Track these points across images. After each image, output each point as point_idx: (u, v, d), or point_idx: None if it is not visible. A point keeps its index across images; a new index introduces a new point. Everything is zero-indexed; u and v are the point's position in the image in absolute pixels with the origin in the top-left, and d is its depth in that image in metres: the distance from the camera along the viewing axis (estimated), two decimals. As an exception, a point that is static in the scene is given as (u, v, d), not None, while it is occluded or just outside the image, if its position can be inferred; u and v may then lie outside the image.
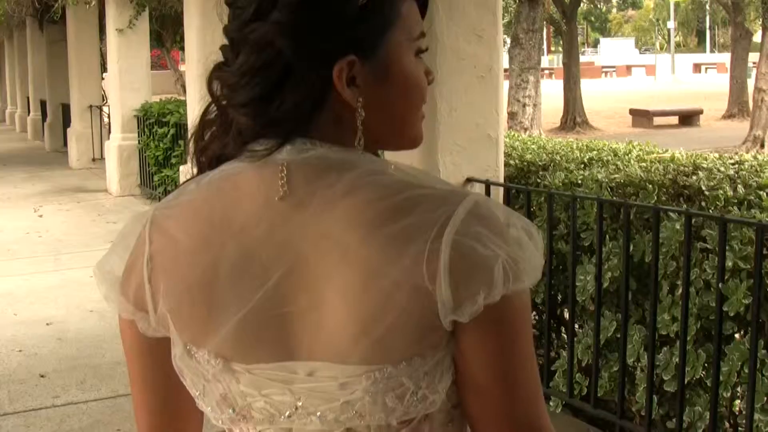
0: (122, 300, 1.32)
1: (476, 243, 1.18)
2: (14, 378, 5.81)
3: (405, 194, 1.21)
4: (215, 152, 1.30)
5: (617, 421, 4.49)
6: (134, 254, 1.31)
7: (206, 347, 1.26)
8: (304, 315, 1.21)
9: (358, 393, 1.21)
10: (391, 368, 1.19)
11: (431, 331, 1.19)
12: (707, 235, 4.03)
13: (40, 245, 10.15)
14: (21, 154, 20.53)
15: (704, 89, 41.74)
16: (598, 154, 5.59)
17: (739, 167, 4.80)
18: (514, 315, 1.22)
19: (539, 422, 1.27)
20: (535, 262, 1.22)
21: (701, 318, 4.08)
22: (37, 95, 23.70)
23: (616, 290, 4.51)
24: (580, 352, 4.72)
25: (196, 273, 1.24)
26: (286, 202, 1.23)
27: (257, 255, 1.22)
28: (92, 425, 5.01)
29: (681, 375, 4.06)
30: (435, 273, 1.17)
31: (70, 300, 7.65)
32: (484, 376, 1.23)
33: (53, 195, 14.14)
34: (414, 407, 1.22)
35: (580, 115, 27.46)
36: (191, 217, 1.28)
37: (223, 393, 1.28)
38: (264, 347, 1.23)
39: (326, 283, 1.19)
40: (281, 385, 1.24)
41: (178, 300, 1.26)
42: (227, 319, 1.23)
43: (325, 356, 1.21)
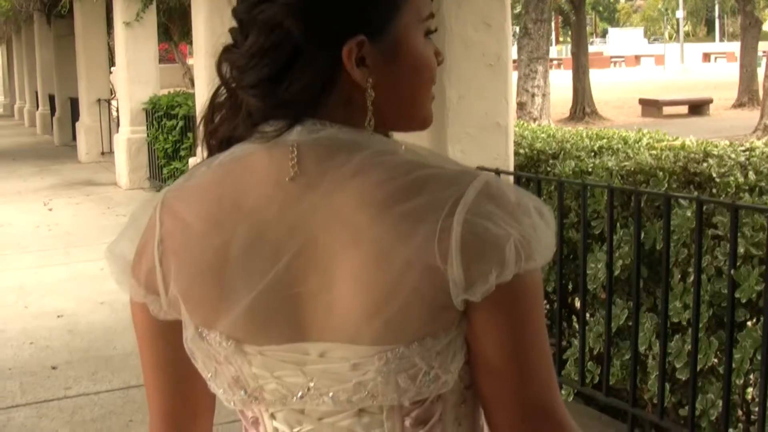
0: (133, 283, 1.32)
1: (488, 222, 1.17)
2: (26, 370, 5.81)
3: (415, 174, 1.20)
4: (225, 134, 1.30)
5: (629, 409, 4.47)
6: (145, 237, 1.31)
7: (217, 329, 1.25)
8: (315, 295, 1.20)
9: (371, 374, 1.20)
10: (403, 348, 1.19)
11: (443, 311, 1.19)
12: (718, 222, 4.02)
13: (50, 239, 10.17)
14: (30, 149, 20.56)
15: (714, 79, 41.64)
16: (608, 143, 5.58)
17: (750, 154, 4.79)
18: (526, 294, 1.21)
19: (552, 403, 1.26)
20: (546, 241, 1.21)
21: (713, 305, 4.06)
22: (46, 90, 23.74)
23: (627, 278, 4.50)
24: (592, 341, 4.71)
25: (207, 255, 1.24)
26: (296, 182, 1.22)
27: (268, 236, 1.22)
28: (104, 416, 5.01)
29: (693, 362, 4.05)
30: (446, 252, 1.16)
31: (80, 292, 7.66)
32: (497, 356, 1.22)
33: (63, 189, 14.16)
34: (426, 387, 1.22)
35: (589, 105, 27.41)
36: (202, 200, 1.27)
37: (234, 375, 1.28)
38: (275, 328, 1.23)
39: (337, 263, 1.19)
40: (293, 367, 1.24)
41: (189, 282, 1.25)
42: (238, 301, 1.22)
43: (337, 337, 1.20)
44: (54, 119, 22.03)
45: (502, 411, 1.26)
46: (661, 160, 4.77)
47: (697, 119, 26.12)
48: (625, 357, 4.54)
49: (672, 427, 4.39)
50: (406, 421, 1.25)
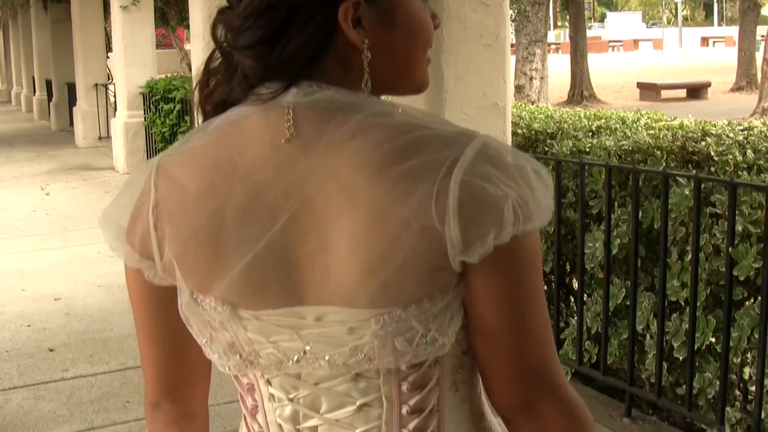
0: (128, 249, 1.31)
1: (485, 183, 1.16)
2: (23, 352, 5.81)
3: (412, 135, 1.19)
4: (220, 98, 1.28)
5: (627, 389, 4.48)
6: (140, 202, 1.30)
7: (213, 294, 1.24)
8: (311, 258, 1.19)
9: (367, 337, 1.20)
10: (400, 311, 1.18)
11: (440, 273, 1.18)
12: (716, 201, 4.01)
13: (47, 223, 10.16)
14: (27, 134, 20.52)
15: (712, 63, 41.59)
16: (606, 123, 5.57)
17: (749, 133, 4.78)
18: (524, 256, 1.20)
19: (550, 367, 1.25)
20: (545, 202, 1.20)
21: (711, 284, 4.06)
22: (43, 75, 23.67)
23: (625, 257, 4.49)
24: (590, 320, 4.71)
25: (203, 218, 1.22)
26: (292, 144, 1.21)
27: (264, 198, 1.20)
28: (102, 397, 5.01)
29: (691, 341, 4.05)
30: (444, 213, 1.15)
31: (77, 276, 7.66)
32: (494, 319, 1.21)
33: (60, 173, 14.14)
34: (423, 350, 1.21)
35: (587, 89, 27.38)
36: (197, 163, 1.26)
37: (230, 341, 1.27)
38: (271, 292, 1.21)
39: (333, 225, 1.18)
40: (289, 331, 1.23)
41: (184, 245, 1.24)
42: (234, 264, 1.21)
43: (334, 300, 1.19)
44: (51, 104, 21.98)
45: (500, 375, 1.25)
46: (659, 139, 4.76)
47: (696, 103, 26.06)
48: (622, 336, 4.54)
49: (669, 405, 4.39)
50: (402, 386, 1.25)
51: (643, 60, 49.52)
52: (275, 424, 1.31)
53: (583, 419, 1.29)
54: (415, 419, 1.26)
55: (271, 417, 1.31)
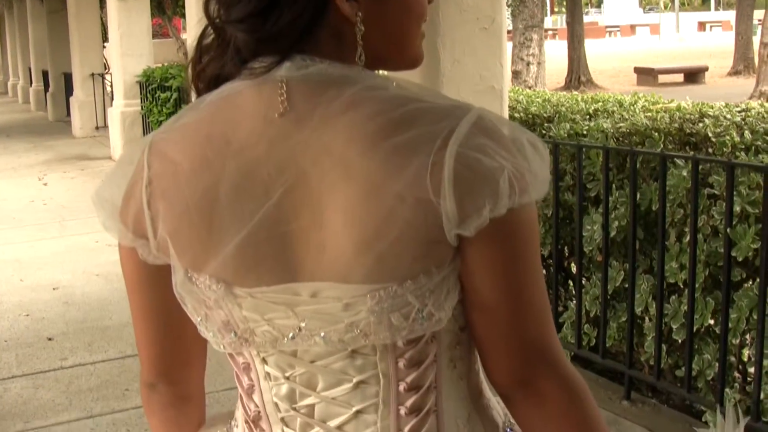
0: (121, 228, 1.29)
1: (481, 155, 1.15)
2: (22, 342, 5.80)
3: (407, 108, 1.18)
4: (213, 73, 1.27)
5: (626, 371, 4.48)
6: (133, 180, 1.28)
7: (207, 272, 1.23)
8: (306, 233, 1.18)
9: (363, 313, 1.18)
10: (396, 287, 1.17)
11: (436, 246, 1.16)
12: (714, 182, 4.00)
13: (45, 213, 10.14)
14: (24, 125, 20.49)
15: (709, 47, 41.54)
16: (603, 106, 5.56)
17: (746, 114, 4.77)
18: (520, 229, 1.19)
19: (549, 343, 1.24)
20: (541, 174, 1.19)
21: (709, 265, 4.05)
22: (39, 66, 23.63)
23: (623, 240, 4.48)
24: (588, 303, 4.71)
25: (196, 194, 1.21)
26: (286, 118, 1.19)
27: (258, 174, 1.19)
28: (100, 385, 5.00)
29: (689, 323, 4.04)
30: (439, 185, 1.14)
31: (76, 265, 7.65)
32: (491, 294, 1.20)
33: (57, 164, 14.12)
34: (420, 325, 1.20)
35: (584, 74, 27.37)
36: (190, 139, 1.25)
37: (224, 319, 1.26)
38: (266, 269, 1.20)
39: (328, 199, 1.16)
40: (284, 308, 1.21)
41: (177, 222, 1.23)
42: (228, 241, 1.20)
43: (329, 275, 1.18)
44: (48, 95, 21.94)
45: (497, 351, 1.24)
46: (657, 121, 4.75)
47: (693, 87, 26.02)
48: (621, 319, 4.54)
49: (668, 387, 4.39)
50: (399, 363, 1.24)
51: (640, 45, 49.46)
52: (272, 403, 1.30)
53: (582, 395, 1.28)
54: (413, 396, 1.25)
55: (268, 396, 1.30)
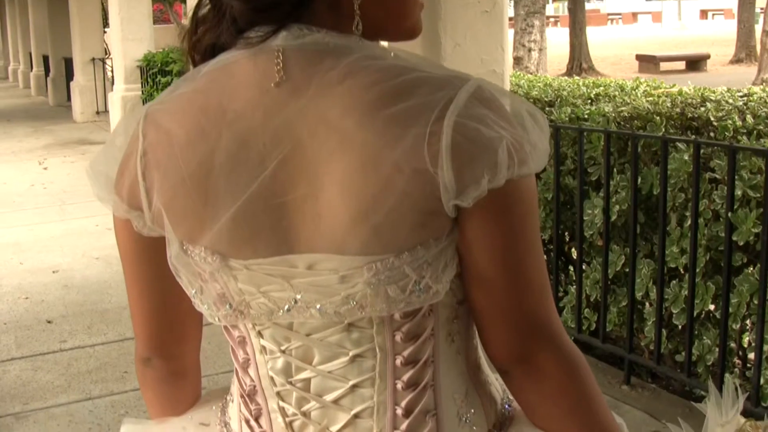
0: (116, 199, 1.28)
1: (479, 125, 1.13)
2: (21, 324, 5.79)
3: (404, 77, 1.16)
4: (208, 43, 1.25)
5: (626, 356, 4.47)
6: (127, 152, 1.27)
7: (202, 243, 1.21)
8: (302, 204, 1.16)
9: (359, 286, 1.17)
10: (393, 259, 1.15)
11: (433, 218, 1.15)
12: (716, 166, 3.98)
13: (45, 196, 10.13)
14: (25, 110, 20.47)
15: (711, 35, 41.45)
16: (605, 90, 5.54)
17: (748, 99, 4.75)
18: (519, 201, 1.17)
19: (547, 317, 1.23)
20: (541, 146, 1.18)
21: (710, 250, 4.03)
22: (39, 51, 23.58)
23: (624, 224, 4.47)
24: (589, 288, 4.69)
25: (191, 165, 1.19)
26: (282, 88, 1.18)
27: (253, 144, 1.17)
28: (99, 368, 5.00)
29: (690, 308, 4.03)
30: (436, 155, 1.12)
31: (75, 248, 7.64)
32: (489, 266, 1.19)
33: (58, 148, 14.10)
34: (417, 297, 1.18)
35: (586, 61, 27.32)
36: (185, 109, 1.23)
37: (220, 292, 1.24)
38: (262, 240, 1.19)
39: (324, 169, 1.15)
40: (280, 280, 1.20)
41: (172, 193, 1.21)
42: (223, 212, 1.18)
43: (325, 247, 1.16)
44: (48, 80, 21.91)
45: (496, 325, 1.23)
46: (659, 105, 4.73)
47: (695, 75, 25.95)
48: (621, 304, 4.53)
49: (668, 372, 4.38)
50: (396, 336, 1.22)
51: (642, 33, 49.34)
52: (267, 378, 1.29)
53: (581, 371, 1.27)
54: (410, 370, 1.24)
55: (263, 370, 1.29)
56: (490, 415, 1.34)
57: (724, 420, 1.30)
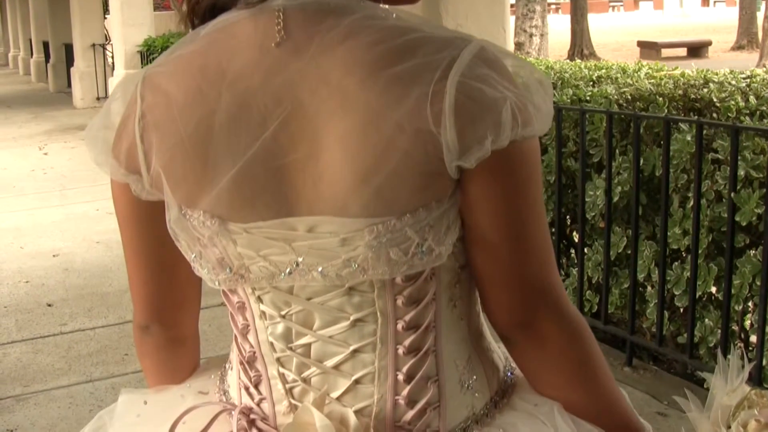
0: (113, 163, 1.27)
1: (483, 85, 1.12)
2: (21, 307, 5.79)
3: (407, 37, 1.14)
4: (208, 3, 1.23)
5: (628, 338, 4.46)
6: (125, 114, 1.25)
7: (201, 207, 1.20)
8: (303, 165, 1.15)
9: (361, 249, 1.15)
10: (394, 221, 1.14)
11: (436, 179, 1.14)
12: (718, 147, 3.96)
13: (45, 182, 10.13)
14: (25, 96, 20.46)
15: (713, 22, 41.39)
16: (607, 73, 5.51)
17: (751, 80, 4.73)
18: (523, 163, 1.16)
19: (550, 282, 1.22)
20: (545, 108, 1.16)
21: (713, 231, 4.02)
22: (40, 37, 23.56)
23: (625, 206, 4.45)
24: (590, 270, 4.68)
25: (190, 126, 1.18)
26: (282, 48, 1.16)
27: (254, 104, 1.16)
28: (100, 350, 4.99)
29: (692, 289, 4.01)
30: (439, 115, 1.10)
31: (76, 233, 7.63)
32: (492, 229, 1.17)
33: (58, 134, 14.09)
34: (420, 260, 1.17)
35: (587, 48, 27.29)
36: (184, 71, 1.21)
37: (219, 257, 1.23)
38: (261, 203, 1.17)
39: (325, 130, 1.13)
40: (281, 244, 1.18)
41: (171, 155, 1.19)
42: (223, 174, 1.17)
43: (326, 209, 1.15)
44: (48, 66, 21.89)
45: (498, 290, 1.22)
46: (661, 86, 4.70)
47: (696, 61, 25.81)
48: (623, 286, 4.51)
49: (670, 354, 4.37)
50: (398, 300, 1.21)
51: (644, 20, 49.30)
52: (267, 343, 1.27)
53: (584, 337, 1.26)
54: (411, 335, 1.23)
55: (263, 336, 1.27)
56: (493, 382, 1.33)
57: (729, 389, 1.29)
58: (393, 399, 1.24)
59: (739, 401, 1.24)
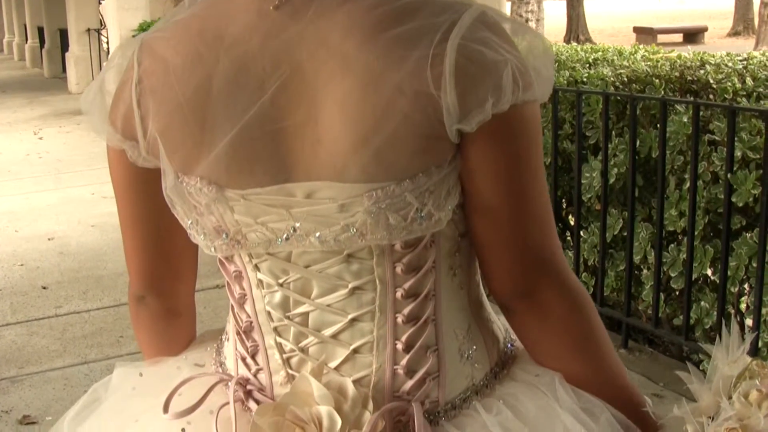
0: (110, 129, 1.25)
1: (484, 47, 1.11)
2: (16, 290, 5.77)
3: (406, 0, 1.13)
4: None
5: (624, 320, 4.45)
6: (122, 80, 1.24)
7: (198, 173, 1.18)
8: (301, 129, 1.14)
9: (360, 215, 1.15)
10: (394, 186, 1.13)
11: (436, 143, 1.12)
12: (715, 128, 3.95)
13: (40, 166, 10.10)
14: (20, 81, 20.37)
15: (709, 9, 41.34)
16: (603, 55, 5.50)
17: (748, 62, 4.72)
18: (524, 127, 1.15)
19: (551, 250, 1.21)
20: (545, 73, 1.16)
21: (709, 212, 4.01)
22: (34, 22, 23.45)
23: (622, 188, 4.44)
24: (586, 252, 4.67)
25: (188, 90, 1.17)
26: (281, 11, 1.15)
27: (252, 68, 1.15)
28: (95, 332, 4.98)
29: (688, 271, 4.00)
30: (440, 78, 1.10)
31: (71, 216, 7.61)
32: (493, 195, 1.16)
33: (53, 118, 14.04)
34: (419, 225, 1.16)
35: (583, 33, 27.28)
36: (182, 36, 1.20)
37: (216, 225, 1.22)
38: (259, 168, 1.16)
39: (324, 93, 1.12)
40: (279, 210, 1.17)
41: (168, 120, 1.18)
42: (220, 138, 1.15)
43: (324, 174, 1.14)
44: (43, 51, 21.81)
45: (498, 258, 1.21)
46: (658, 68, 4.69)
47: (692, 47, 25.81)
48: (619, 268, 4.50)
49: (666, 336, 4.36)
50: (397, 268, 1.20)
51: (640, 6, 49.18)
52: (264, 313, 1.26)
53: (585, 307, 1.25)
54: (410, 304, 1.22)
55: (260, 305, 1.26)
56: (493, 353, 1.32)
57: (730, 359, 1.28)
58: (392, 368, 1.23)
59: (741, 372, 1.24)
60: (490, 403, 1.26)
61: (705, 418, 1.21)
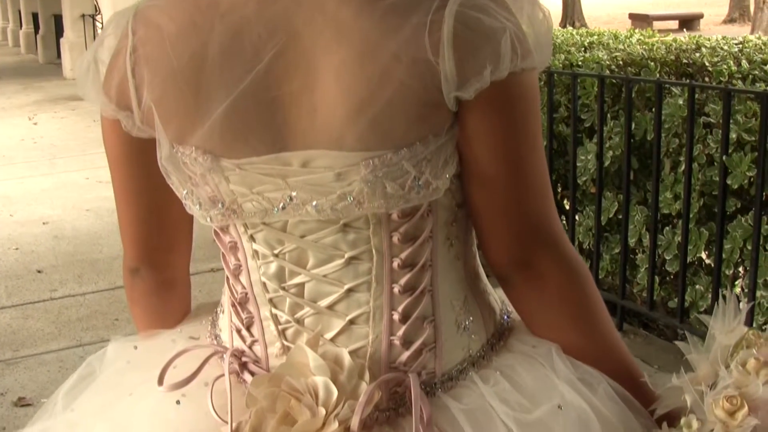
0: (104, 99, 1.24)
1: (482, 14, 1.10)
2: (11, 274, 5.76)
3: None
4: None
5: (619, 303, 4.44)
6: (117, 49, 1.23)
7: (193, 142, 1.18)
8: (297, 98, 1.13)
9: (356, 184, 1.14)
10: (391, 155, 1.12)
11: (433, 111, 1.12)
12: (711, 111, 3.94)
13: (35, 151, 10.06)
14: (14, 68, 20.33)
15: (704, -5, 41.24)
16: (599, 39, 5.48)
17: (743, 46, 4.71)
18: (522, 96, 1.14)
19: (549, 220, 1.21)
20: (544, 41, 1.15)
21: (704, 195, 4.01)
22: (29, 8, 23.41)
23: (617, 170, 4.43)
24: (581, 235, 4.67)
25: (183, 58, 1.16)
26: None
27: (247, 35, 1.14)
28: (90, 315, 4.97)
29: (683, 254, 4.00)
30: (437, 44, 1.09)
31: (66, 201, 7.59)
32: (490, 163, 1.16)
33: (48, 104, 14.01)
34: (416, 194, 1.15)
35: (578, 20, 27.26)
36: (177, 4, 1.19)
37: (211, 195, 1.21)
38: (255, 137, 1.15)
39: (321, 60, 1.11)
40: (275, 180, 1.17)
41: (163, 89, 1.17)
42: (216, 106, 1.14)
43: (320, 142, 1.13)
44: (38, 37, 21.74)
45: (496, 227, 1.20)
46: (653, 51, 4.68)
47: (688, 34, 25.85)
48: (614, 251, 4.50)
49: (661, 319, 4.36)
50: (393, 237, 1.19)
51: (635, -7, 49.06)
52: (259, 284, 1.26)
53: (583, 278, 1.25)
54: (407, 274, 1.21)
55: (255, 276, 1.26)
56: (489, 324, 1.31)
57: (728, 329, 1.28)
58: (388, 339, 1.22)
59: (738, 341, 1.24)
60: (487, 374, 1.26)
61: (704, 386, 1.21)
